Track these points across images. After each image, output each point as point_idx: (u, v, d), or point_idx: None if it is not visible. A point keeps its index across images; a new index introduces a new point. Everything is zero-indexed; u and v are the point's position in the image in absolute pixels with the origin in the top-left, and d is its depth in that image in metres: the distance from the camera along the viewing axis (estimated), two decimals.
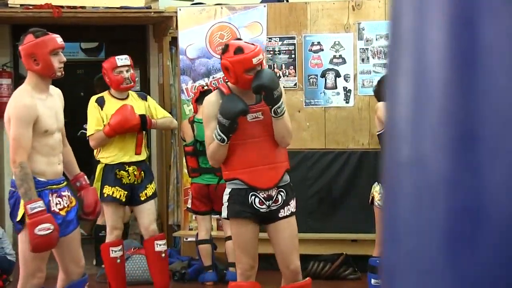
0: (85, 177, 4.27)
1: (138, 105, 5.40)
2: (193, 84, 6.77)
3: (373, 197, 5.05)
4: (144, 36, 8.14)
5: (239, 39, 4.98)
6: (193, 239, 6.37)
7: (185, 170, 6.64)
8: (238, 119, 3.92)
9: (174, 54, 7.40)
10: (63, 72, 3.98)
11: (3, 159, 7.79)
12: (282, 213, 4.08)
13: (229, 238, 6.10)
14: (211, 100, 4.05)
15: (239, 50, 3.95)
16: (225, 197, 4.11)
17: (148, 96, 5.65)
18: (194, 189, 6.09)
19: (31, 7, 6.91)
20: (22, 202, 3.84)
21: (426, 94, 1.13)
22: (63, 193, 4.00)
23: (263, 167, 4.03)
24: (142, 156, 5.44)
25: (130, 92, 5.51)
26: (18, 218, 3.87)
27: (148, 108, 5.48)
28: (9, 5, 6.94)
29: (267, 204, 4.06)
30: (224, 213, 4.10)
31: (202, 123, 6.04)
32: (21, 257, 3.97)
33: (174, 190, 7.35)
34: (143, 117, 5.35)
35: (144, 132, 5.46)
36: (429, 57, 1.13)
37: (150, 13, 7.09)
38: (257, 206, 4.04)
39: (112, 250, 5.34)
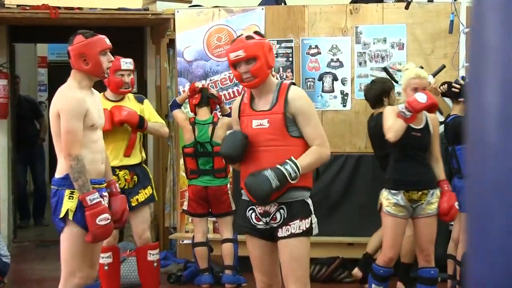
0: (117, 184, 4.26)
1: (132, 108, 5.29)
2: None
3: (381, 204, 4.85)
4: (142, 38, 8.12)
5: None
6: (189, 241, 6.36)
7: (182, 173, 6.63)
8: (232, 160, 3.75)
9: (172, 56, 7.39)
10: (109, 73, 4.11)
11: None
12: (280, 233, 3.66)
13: (226, 240, 6.10)
14: (234, 106, 3.88)
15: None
16: None
17: (145, 100, 5.49)
18: (192, 191, 6.07)
19: (28, 7, 6.89)
20: (65, 199, 3.88)
21: None
22: (103, 193, 4.03)
23: None
24: (135, 160, 5.28)
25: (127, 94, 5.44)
26: (62, 215, 3.89)
27: (143, 111, 5.34)
28: (6, 6, 6.93)
29: (264, 221, 3.69)
30: None
31: (203, 124, 6.08)
32: (62, 256, 3.97)
33: (171, 193, 7.33)
34: (141, 118, 5.25)
35: (139, 134, 5.34)
36: None
37: (147, 15, 7.08)
38: (253, 222, 3.72)
39: (100, 256, 5.27)
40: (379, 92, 5.76)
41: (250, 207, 3.73)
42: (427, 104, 4.65)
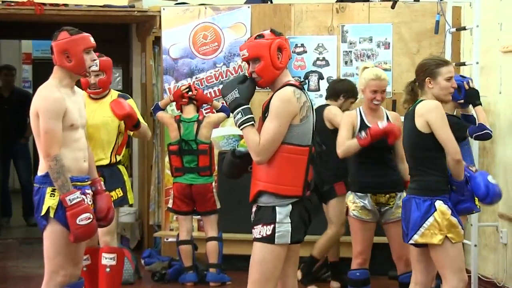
0: (102, 182, 4.22)
1: None
2: (176, 84, 6.75)
3: (347, 208, 4.85)
4: (127, 35, 8.10)
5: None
6: (174, 239, 6.35)
7: (167, 171, 6.62)
8: None
9: (157, 53, 7.38)
10: (90, 72, 4.09)
11: None
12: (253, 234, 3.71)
13: (210, 239, 6.10)
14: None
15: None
16: None
17: (129, 100, 5.28)
18: (177, 188, 6.06)
19: (13, 4, 6.87)
20: (46, 197, 3.86)
21: None
22: (86, 191, 3.99)
23: (252, 180, 3.73)
24: (102, 161, 5.03)
25: (112, 91, 5.33)
26: (43, 213, 3.86)
27: None
28: None
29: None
30: None
31: (188, 122, 6.08)
32: (45, 254, 3.95)
33: (155, 190, 7.32)
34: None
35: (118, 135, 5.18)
36: None
37: (133, 12, 7.06)
38: None
39: None
40: (342, 90, 5.76)
41: None
42: (385, 129, 4.62)
